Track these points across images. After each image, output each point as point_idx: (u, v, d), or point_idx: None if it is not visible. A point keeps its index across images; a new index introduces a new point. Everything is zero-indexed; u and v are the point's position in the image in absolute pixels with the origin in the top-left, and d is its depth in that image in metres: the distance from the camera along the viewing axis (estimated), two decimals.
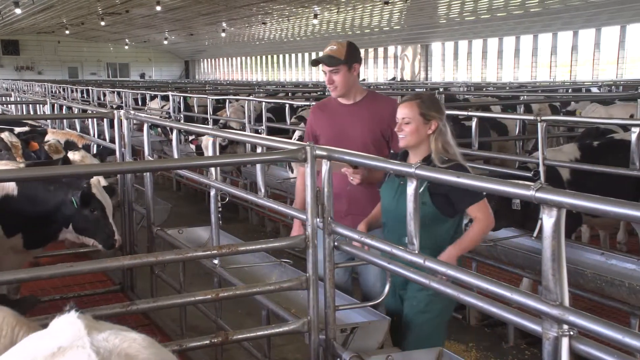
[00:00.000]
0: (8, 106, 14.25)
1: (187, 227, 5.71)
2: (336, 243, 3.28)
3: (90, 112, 9.48)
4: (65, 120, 9.11)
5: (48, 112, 9.87)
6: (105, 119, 6.63)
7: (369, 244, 3.06)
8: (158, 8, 31.64)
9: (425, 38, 37.20)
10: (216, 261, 4.44)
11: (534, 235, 5.12)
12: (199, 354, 4.59)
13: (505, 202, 5.14)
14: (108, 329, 1.25)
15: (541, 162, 5.51)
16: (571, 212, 2.06)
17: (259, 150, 3.89)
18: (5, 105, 14.79)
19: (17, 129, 7.26)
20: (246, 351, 4.33)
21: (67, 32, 47.35)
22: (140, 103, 17.75)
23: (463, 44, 35.49)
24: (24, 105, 11.77)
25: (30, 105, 11.47)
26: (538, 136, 5.58)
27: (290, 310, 3.70)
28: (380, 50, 41.33)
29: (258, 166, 3.97)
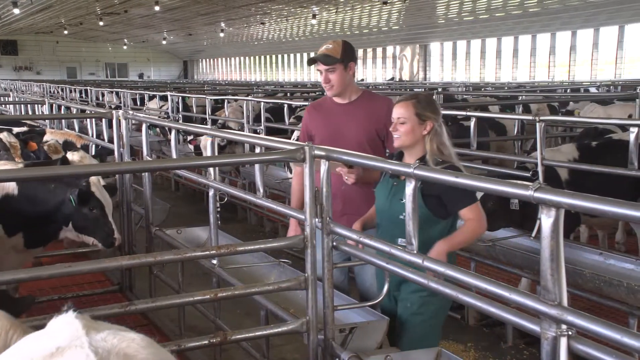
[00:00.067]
0: (6, 106, 14.23)
1: (186, 227, 5.71)
2: (335, 243, 3.28)
3: (88, 112, 9.47)
4: (63, 120, 9.12)
5: (46, 112, 9.87)
6: (103, 119, 6.62)
7: (368, 244, 3.05)
8: (157, 8, 31.64)
9: (423, 38, 37.22)
10: (215, 261, 4.44)
11: (533, 235, 5.12)
12: (198, 354, 4.59)
13: (503, 202, 5.14)
14: (106, 329, 1.25)
15: (539, 162, 5.52)
16: (570, 212, 2.06)
17: (258, 150, 3.89)
18: (3, 105, 14.77)
19: (16, 129, 7.25)
20: (245, 351, 4.33)
21: (66, 32, 47.32)
22: (138, 103, 17.73)
23: (461, 44, 35.51)
24: (23, 105, 11.75)
25: (28, 105, 11.45)
26: (536, 136, 5.58)
27: (289, 310, 3.70)
28: (378, 50, 41.35)
29: (257, 166, 3.97)
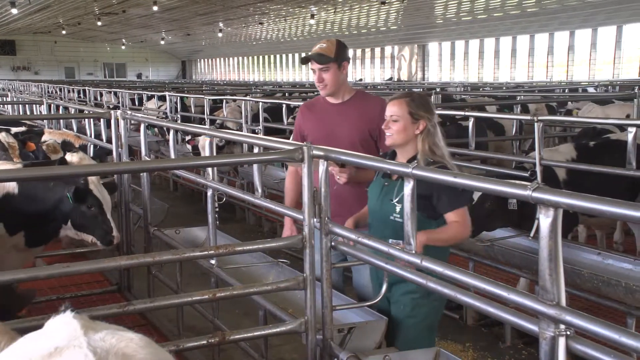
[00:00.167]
0: (4, 106, 14.23)
1: (184, 227, 5.71)
2: (333, 243, 3.27)
3: (87, 113, 9.45)
4: (61, 120, 9.10)
5: (45, 112, 9.86)
6: (102, 119, 6.61)
7: (367, 244, 3.05)
8: (155, 8, 31.61)
9: (422, 38, 37.22)
10: (213, 261, 4.43)
11: (531, 235, 5.13)
12: (196, 354, 4.59)
13: (501, 203, 5.14)
14: (105, 329, 1.25)
15: (538, 162, 5.52)
16: (568, 212, 2.06)
17: (256, 150, 3.88)
18: (1, 105, 14.76)
19: (14, 129, 7.25)
20: (243, 351, 4.32)
21: (64, 32, 47.27)
22: (137, 103, 17.73)
23: (460, 44, 35.53)
24: (21, 105, 11.75)
25: (26, 105, 11.45)
26: (535, 136, 5.58)
27: (287, 310, 3.69)
28: (377, 50, 41.34)
29: (255, 166, 3.96)
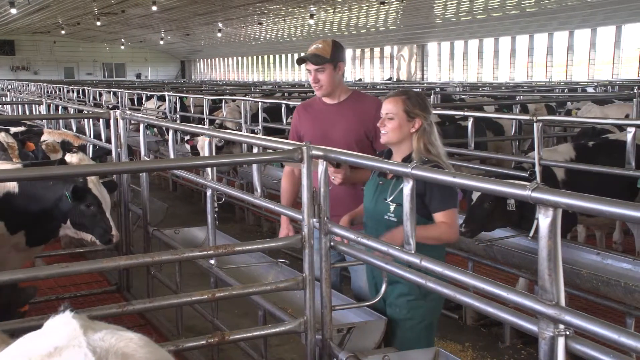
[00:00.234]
0: (4, 106, 14.22)
1: (184, 228, 5.71)
2: (332, 243, 3.27)
3: (86, 113, 9.46)
4: (61, 120, 9.10)
5: (44, 112, 9.86)
6: (101, 119, 6.61)
7: (366, 244, 3.05)
8: (154, 8, 31.62)
9: (421, 38, 37.24)
10: (212, 261, 4.43)
11: (530, 235, 5.13)
12: (196, 354, 4.59)
13: (500, 203, 5.14)
14: (104, 329, 1.25)
15: (537, 162, 5.52)
16: (566, 212, 2.06)
17: (255, 150, 3.88)
18: (1, 105, 14.76)
19: (13, 129, 7.24)
20: (242, 351, 4.33)
21: (63, 32, 47.26)
22: (136, 103, 17.72)
23: (459, 44, 35.56)
24: (20, 105, 11.74)
25: (26, 105, 11.44)
26: (534, 136, 5.58)
27: (286, 310, 3.69)
28: (376, 50, 41.36)
29: (254, 166, 3.96)
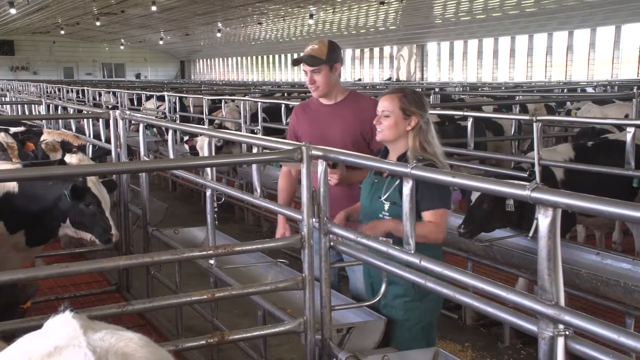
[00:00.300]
0: (3, 106, 14.22)
1: (183, 228, 5.71)
2: (332, 243, 3.27)
3: (85, 113, 9.46)
4: (60, 120, 9.09)
5: (43, 113, 9.86)
6: (100, 119, 6.61)
7: (365, 244, 3.05)
8: (153, 8, 31.64)
9: (420, 38, 37.25)
10: (212, 261, 4.43)
11: (530, 235, 5.13)
12: (195, 354, 4.59)
13: (499, 204, 5.14)
14: (104, 329, 1.25)
15: (537, 162, 5.51)
16: (566, 212, 2.06)
17: (255, 150, 3.88)
18: (0, 105, 14.75)
19: (13, 129, 7.24)
20: (242, 351, 4.33)
21: (62, 32, 47.26)
22: (135, 103, 17.72)
23: (459, 44, 35.57)
24: (20, 105, 11.74)
25: (25, 105, 11.44)
26: (534, 136, 5.58)
27: (286, 310, 3.69)
28: (376, 50, 41.37)
29: (254, 166, 3.96)
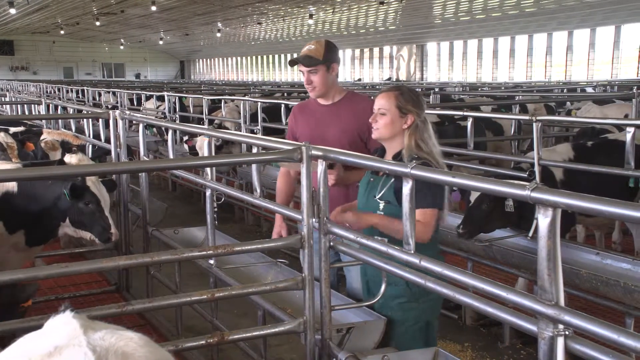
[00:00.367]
0: (3, 106, 14.22)
1: (183, 228, 5.71)
2: (332, 243, 3.27)
3: (85, 112, 9.46)
4: (60, 120, 9.09)
5: (43, 112, 9.85)
6: (100, 119, 6.61)
7: (365, 244, 3.05)
8: (153, 8, 31.62)
9: (420, 38, 37.24)
10: (212, 261, 4.43)
11: (530, 235, 5.13)
12: (195, 354, 4.59)
13: (498, 204, 5.14)
14: (104, 328, 1.25)
15: (536, 162, 5.51)
16: (565, 212, 2.06)
17: (255, 150, 3.88)
18: (0, 105, 14.75)
19: (13, 129, 7.24)
20: (242, 351, 4.33)
21: (62, 32, 47.25)
22: (135, 103, 17.72)
23: (458, 44, 35.57)
24: (19, 105, 11.73)
25: (25, 105, 11.43)
26: (533, 136, 5.58)
27: (286, 310, 3.69)
28: (375, 50, 41.34)
29: (254, 166, 3.96)
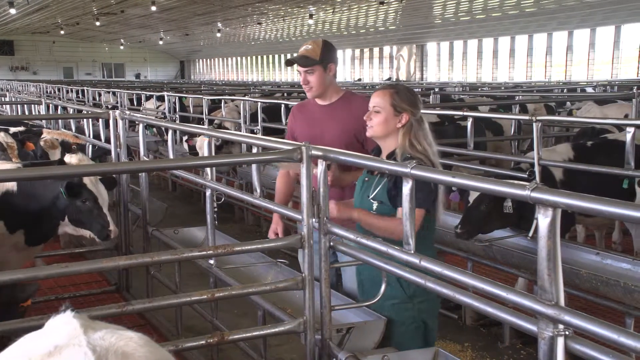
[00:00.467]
0: (3, 106, 14.22)
1: (183, 228, 5.71)
2: (332, 243, 3.27)
3: (85, 112, 9.45)
4: (60, 120, 9.09)
5: (43, 113, 9.85)
6: (100, 119, 6.61)
7: (364, 244, 3.04)
8: (153, 8, 31.62)
9: (420, 38, 37.23)
10: (212, 261, 4.43)
11: (529, 235, 5.13)
12: (195, 354, 4.59)
13: (497, 205, 5.14)
14: (104, 328, 1.25)
15: (536, 162, 5.51)
16: (565, 212, 2.06)
17: (255, 150, 3.88)
18: (0, 105, 14.75)
19: (13, 129, 7.24)
20: (242, 351, 4.33)
21: (62, 32, 47.24)
22: (135, 103, 17.71)
23: (458, 44, 35.56)
24: (19, 105, 11.73)
25: (25, 105, 11.43)
26: (533, 136, 5.58)
27: (286, 310, 3.69)
28: (375, 50, 41.34)
29: (254, 166, 3.96)
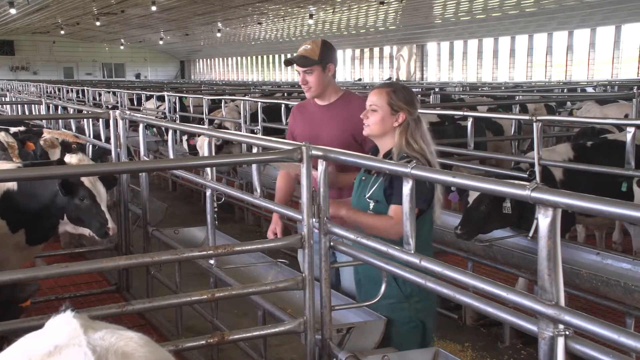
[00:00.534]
0: (3, 106, 14.22)
1: (183, 228, 5.71)
2: (332, 243, 3.27)
3: (85, 112, 9.45)
4: (60, 120, 9.09)
5: (43, 113, 9.85)
6: (100, 119, 6.61)
7: (364, 244, 3.04)
8: (153, 8, 31.61)
9: (420, 38, 37.23)
10: (212, 261, 4.43)
11: (530, 235, 5.13)
12: (195, 354, 4.59)
13: (496, 205, 5.14)
14: (104, 328, 1.25)
15: (537, 162, 5.51)
16: (565, 212, 2.06)
17: (255, 150, 3.88)
18: (0, 105, 14.75)
19: (13, 129, 7.25)
20: (242, 351, 4.33)
21: (62, 32, 47.24)
22: (135, 103, 17.71)
23: (458, 44, 35.56)
24: (20, 105, 11.73)
25: (25, 105, 11.43)
26: (534, 136, 5.58)
27: (286, 310, 3.69)
28: (375, 50, 41.34)
29: (254, 166, 3.96)
